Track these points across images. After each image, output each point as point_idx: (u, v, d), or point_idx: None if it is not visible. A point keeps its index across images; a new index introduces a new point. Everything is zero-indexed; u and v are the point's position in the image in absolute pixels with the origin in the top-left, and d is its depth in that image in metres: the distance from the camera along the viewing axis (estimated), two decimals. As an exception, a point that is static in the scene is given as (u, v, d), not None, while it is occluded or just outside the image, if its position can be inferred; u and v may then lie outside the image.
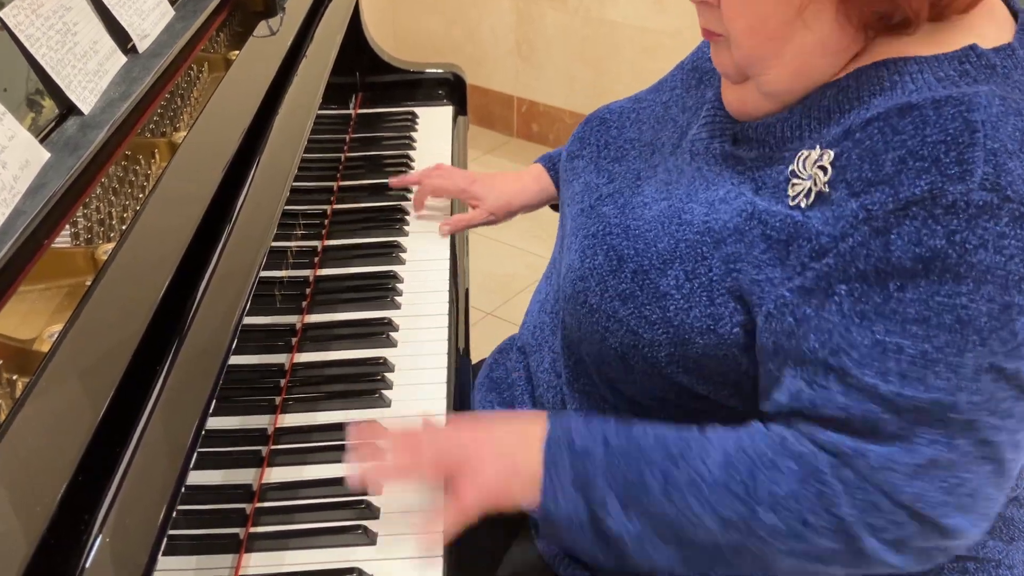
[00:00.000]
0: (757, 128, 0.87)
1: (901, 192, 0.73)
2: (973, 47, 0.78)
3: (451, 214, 1.39)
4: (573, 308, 0.93)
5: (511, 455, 0.86)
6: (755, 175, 0.85)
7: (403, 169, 1.54)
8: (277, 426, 1.02)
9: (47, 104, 1.01)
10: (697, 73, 1.03)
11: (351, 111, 1.71)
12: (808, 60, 0.82)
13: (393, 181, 1.42)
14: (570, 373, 1.00)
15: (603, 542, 0.83)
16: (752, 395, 0.87)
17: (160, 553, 0.66)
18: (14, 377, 0.78)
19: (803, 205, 0.79)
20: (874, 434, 0.76)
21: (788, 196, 0.81)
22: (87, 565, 0.63)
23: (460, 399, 1.10)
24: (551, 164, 1.33)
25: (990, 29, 0.81)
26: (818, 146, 0.80)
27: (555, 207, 1.37)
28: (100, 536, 0.65)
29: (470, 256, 1.43)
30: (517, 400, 1.11)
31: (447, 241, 1.35)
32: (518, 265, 2.73)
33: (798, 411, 0.80)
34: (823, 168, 0.78)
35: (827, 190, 0.78)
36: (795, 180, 0.80)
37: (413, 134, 1.65)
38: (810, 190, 0.79)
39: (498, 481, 0.85)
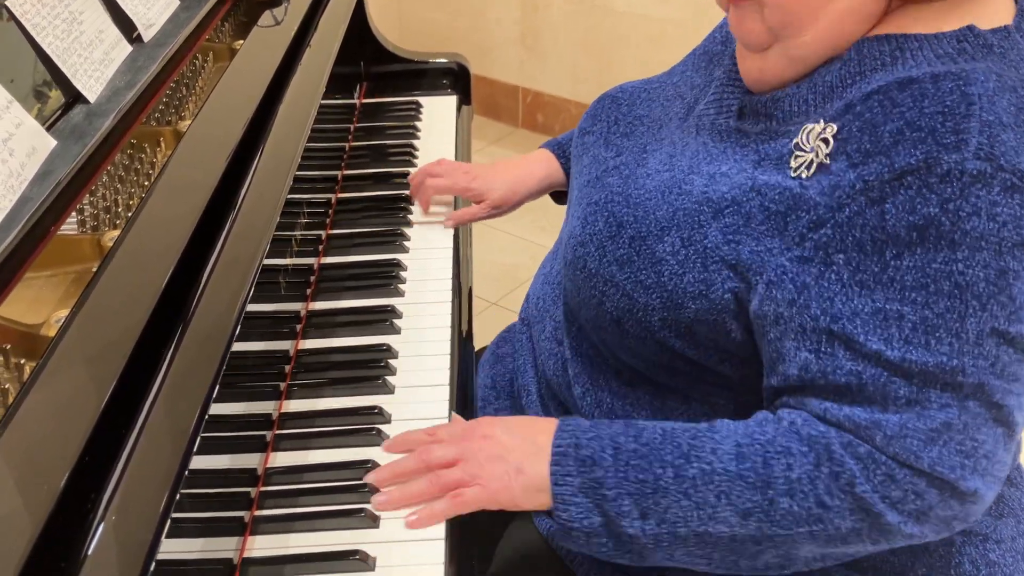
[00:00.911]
0: (765, 102, 0.89)
1: (897, 162, 0.75)
2: (971, 27, 0.80)
3: (455, 207, 1.39)
4: (573, 273, 0.96)
5: (517, 463, 0.87)
6: (758, 148, 0.87)
7: (407, 159, 1.54)
8: (281, 411, 1.03)
9: (53, 95, 1.01)
10: (707, 56, 1.05)
11: (355, 100, 1.72)
12: (840, 25, 0.84)
13: (413, 190, 1.38)
14: (572, 340, 1.02)
15: (621, 545, 0.83)
16: (742, 362, 0.89)
17: (164, 535, 0.67)
18: (22, 361, 0.79)
19: (804, 176, 0.81)
20: (886, 401, 0.77)
21: (790, 168, 0.82)
22: (92, 546, 0.64)
23: (463, 386, 1.10)
24: (560, 150, 1.32)
25: (990, 11, 0.83)
26: (822, 120, 0.82)
27: (557, 196, 1.37)
28: (105, 518, 0.66)
29: (475, 247, 1.44)
30: (520, 371, 1.13)
31: (450, 230, 1.36)
32: (522, 256, 2.74)
33: (809, 383, 0.80)
34: (825, 140, 0.80)
35: (827, 162, 0.79)
36: (798, 152, 0.82)
37: (417, 124, 1.66)
38: (812, 162, 0.81)
39: (501, 486, 0.87)
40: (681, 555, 0.83)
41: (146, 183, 1.03)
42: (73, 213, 0.93)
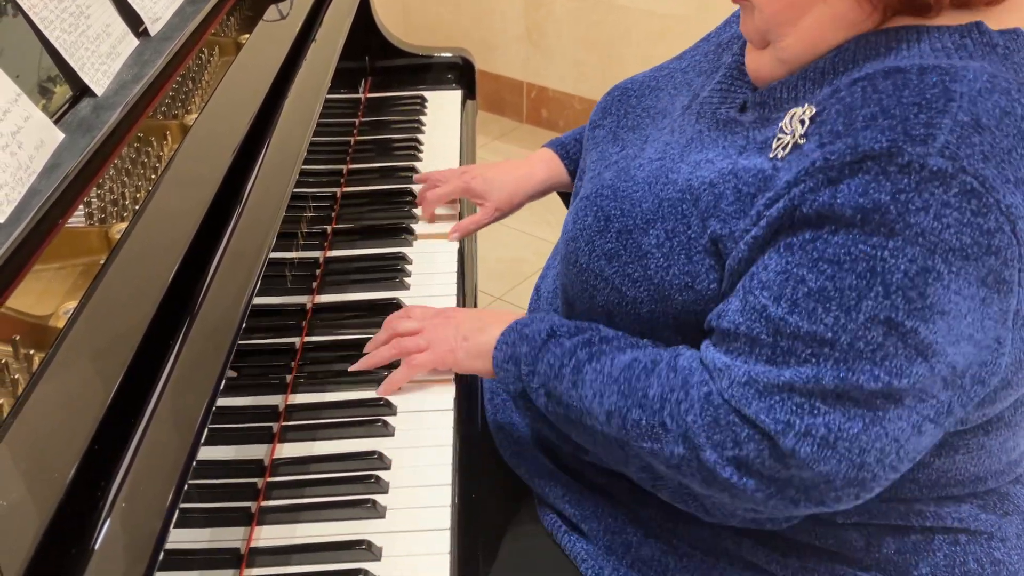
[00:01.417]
0: (763, 93, 0.89)
1: (861, 145, 0.74)
2: (978, 24, 0.79)
3: (460, 209, 1.39)
4: (566, 268, 0.97)
5: (464, 332, 1.03)
6: (748, 135, 0.87)
7: (412, 153, 1.55)
8: (288, 403, 1.03)
9: (58, 91, 1.02)
10: (718, 43, 1.05)
11: (361, 95, 1.72)
12: (822, 32, 0.83)
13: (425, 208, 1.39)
14: None
15: (539, 412, 0.96)
16: None
17: (172, 524, 0.68)
18: (31, 352, 0.80)
19: (779, 157, 0.81)
20: (750, 353, 0.79)
21: (770, 149, 0.83)
22: (102, 535, 0.65)
23: (468, 377, 1.11)
24: (563, 150, 1.31)
25: (1007, 10, 0.81)
26: (806, 103, 0.82)
27: (563, 194, 1.37)
28: (114, 507, 0.66)
29: (479, 242, 1.44)
30: None
31: (455, 223, 1.36)
32: (526, 251, 2.74)
33: (709, 326, 0.85)
34: (803, 121, 0.80)
35: (802, 142, 0.79)
36: (780, 135, 0.82)
37: (422, 118, 1.66)
38: (788, 143, 0.81)
39: (446, 349, 1.04)
40: (577, 435, 0.93)
41: (153, 176, 1.03)
42: (81, 206, 0.94)
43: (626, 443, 0.86)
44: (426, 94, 1.74)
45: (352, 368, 1.06)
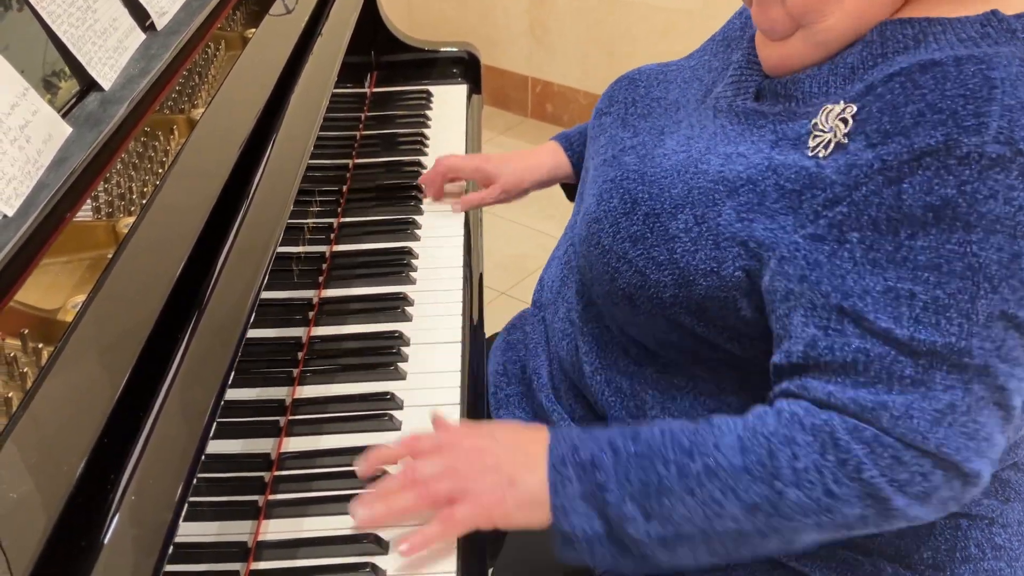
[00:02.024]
0: (785, 83, 0.89)
1: (916, 143, 0.75)
2: (995, 12, 0.81)
3: (467, 188, 1.40)
4: (587, 250, 0.97)
5: (509, 474, 0.83)
6: (776, 128, 0.87)
7: (417, 147, 1.55)
8: (295, 397, 1.03)
9: (64, 85, 1.02)
10: (726, 41, 1.06)
11: (366, 89, 1.72)
12: (865, 7, 0.84)
13: (429, 188, 1.39)
14: (581, 318, 1.03)
15: (624, 550, 0.81)
16: (750, 341, 0.89)
17: (181, 518, 0.68)
18: (39, 345, 0.80)
19: (821, 155, 0.82)
20: (891, 380, 0.77)
21: (808, 147, 0.83)
22: (111, 528, 0.65)
23: (474, 372, 1.11)
24: (568, 143, 1.34)
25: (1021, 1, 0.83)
26: (842, 100, 0.82)
27: (566, 186, 1.38)
28: (123, 500, 0.66)
29: (484, 236, 1.44)
30: (531, 355, 1.14)
31: (461, 218, 1.36)
32: (531, 245, 2.74)
33: (814, 361, 0.79)
34: (844, 120, 0.81)
35: (845, 141, 0.80)
36: (816, 132, 0.83)
37: (428, 112, 1.66)
38: (829, 141, 0.81)
39: (494, 500, 0.83)
40: (684, 553, 0.81)
41: (160, 170, 1.03)
42: (88, 200, 0.94)
43: (776, 529, 0.78)
44: (431, 89, 1.74)
45: (362, 522, 0.86)
